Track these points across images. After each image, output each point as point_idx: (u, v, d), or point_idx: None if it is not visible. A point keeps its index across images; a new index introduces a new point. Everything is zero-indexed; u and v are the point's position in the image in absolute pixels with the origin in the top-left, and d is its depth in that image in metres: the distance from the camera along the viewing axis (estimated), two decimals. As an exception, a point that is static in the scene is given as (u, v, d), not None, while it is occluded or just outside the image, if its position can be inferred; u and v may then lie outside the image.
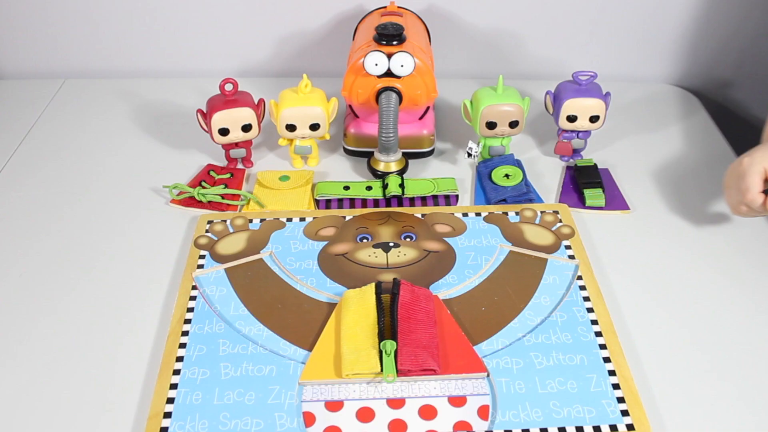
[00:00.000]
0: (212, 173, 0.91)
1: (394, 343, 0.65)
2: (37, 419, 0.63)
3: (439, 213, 0.84)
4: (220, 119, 0.87)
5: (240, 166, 0.93)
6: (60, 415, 0.63)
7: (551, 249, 0.79)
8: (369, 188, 0.88)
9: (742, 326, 0.72)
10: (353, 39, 0.98)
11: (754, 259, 0.80)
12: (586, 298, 0.73)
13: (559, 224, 0.82)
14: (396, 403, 0.63)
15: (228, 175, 0.91)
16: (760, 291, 0.76)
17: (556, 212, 0.84)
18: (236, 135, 0.89)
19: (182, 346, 0.68)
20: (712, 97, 1.17)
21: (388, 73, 0.86)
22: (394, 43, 0.86)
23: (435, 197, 0.88)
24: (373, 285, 0.72)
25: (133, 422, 0.62)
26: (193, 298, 0.73)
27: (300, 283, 0.75)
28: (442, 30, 1.08)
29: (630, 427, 0.61)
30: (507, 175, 0.89)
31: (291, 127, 0.89)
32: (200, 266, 0.77)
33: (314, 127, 0.89)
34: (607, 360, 0.67)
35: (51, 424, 0.63)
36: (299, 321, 0.71)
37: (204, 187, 0.87)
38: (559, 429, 0.61)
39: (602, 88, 0.90)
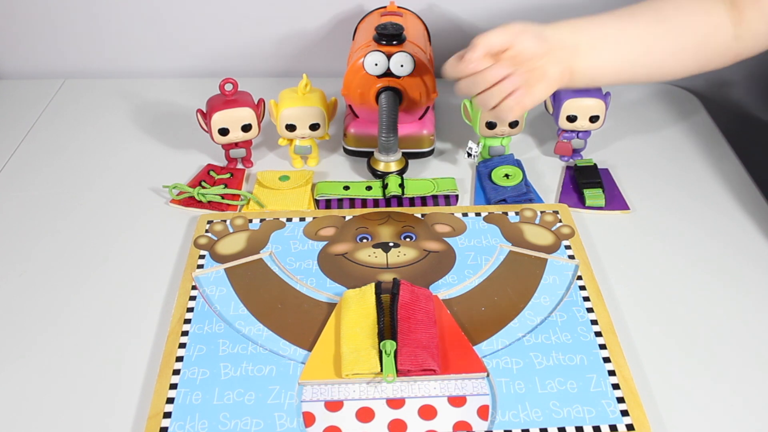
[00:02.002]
0: (212, 173, 0.91)
1: (394, 343, 0.65)
2: (37, 419, 0.63)
3: (439, 213, 0.84)
4: (220, 119, 0.87)
5: (240, 166, 0.93)
6: (60, 415, 0.63)
7: (551, 249, 0.79)
8: (369, 188, 0.88)
9: (741, 326, 0.72)
10: (353, 39, 0.98)
11: (753, 259, 0.80)
12: (586, 298, 0.73)
13: (559, 224, 0.82)
14: (396, 403, 0.63)
15: (228, 175, 0.91)
16: (759, 291, 0.76)
17: (556, 212, 0.84)
18: (236, 135, 0.89)
19: (182, 346, 0.68)
20: (712, 97, 1.17)
21: (388, 73, 0.86)
22: (394, 43, 0.86)
23: (435, 197, 0.88)
24: (372, 285, 0.72)
25: (133, 422, 0.62)
26: (192, 298, 0.73)
27: (300, 283, 0.75)
28: (442, 30, 1.08)
29: (630, 427, 0.61)
30: (507, 175, 0.89)
31: (291, 127, 0.89)
32: (200, 266, 0.77)
33: (314, 127, 0.89)
34: (607, 360, 0.67)
35: (51, 423, 0.63)
36: (299, 321, 0.71)
37: (204, 187, 0.87)
38: (559, 429, 0.61)
39: (602, 88, 0.90)
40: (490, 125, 0.89)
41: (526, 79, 0.69)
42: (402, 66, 0.85)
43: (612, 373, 0.65)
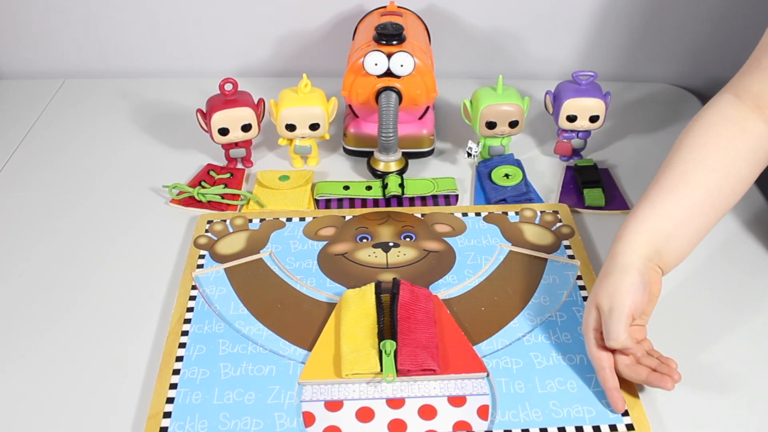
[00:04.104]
0: (212, 173, 0.91)
1: (394, 343, 0.65)
2: (37, 419, 0.63)
3: (439, 213, 0.84)
4: (219, 119, 0.87)
5: (240, 165, 0.93)
6: (60, 415, 0.63)
7: (551, 249, 0.79)
8: (369, 188, 0.88)
9: (742, 326, 0.72)
10: (353, 39, 0.98)
11: (754, 259, 0.80)
12: (586, 298, 0.73)
13: (559, 224, 0.82)
14: (396, 403, 0.63)
15: (228, 175, 0.91)
16: (760, 291, 0.76)
17: (556, 212, 0.84)
18: (236, 135, 0.89)
19: (182, 345, 0.68)
20: (712, 96, 1.17)
21: (388, 73, 0.86)
22: (394, 42, 0.86)
23: (435, 197, 0.88)
24: (372, 285, 0.72)
25: (133, 422, 0.62)
26: (192, 297, 0.73)
27: (300, 283, 0.75)
28: (442, 30, 1.08)
29: (630, 427, 0.61)
30: (507, 175, 0.89)
31: (291, 127, 0.89)
32: (200, 266, 0.77)
33: (314, 126, 0.89)
34: (606, 360, 0.67)
35: (51, 423, 0.63)
36: (299, 321, 0.71)
37: (204, 187, 0.87)
38: (559, 429, 0.61)
39: (602, 88, 0.90)
40: (490, 125, 0.89)
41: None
42: (402, 66, 0.85)
43: (612, 372, 0.65)
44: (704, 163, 0.68)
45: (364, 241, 0.80)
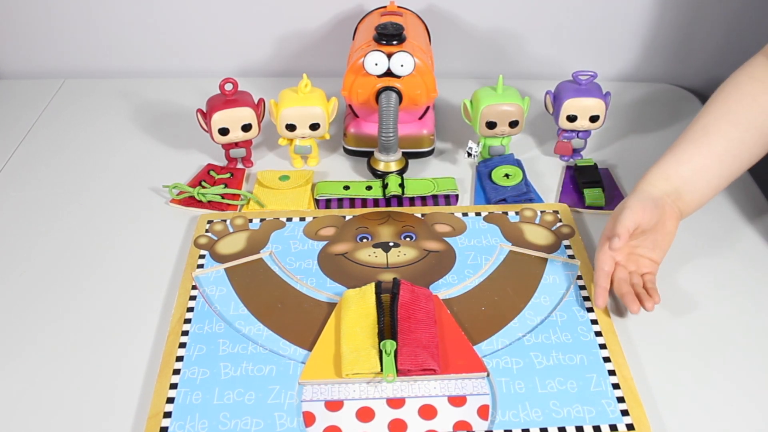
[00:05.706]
0: (212, 173, 0.91)
1: (394, 342, 0.65)
2: (37, 419, 0.63)
3: (439, 213, 0.84)
4: (220, 119, 0.87)
5: (240, 165, 0.93)
6: (60, 415, 0.63)
7: (551, 249, 0.79)
8: (369, 188, 0.88)
9: (741, 325, 0.72)
10: (353, 39, 0.98)
11: (754, 258, 0.80)
12: (586, 298, 0.73)
13: (559, 224, 0.82)
14: (396, 402, 0.63)
15: (228, 175, 0.91)
16: (759, 290, 0.76)
17: (556, 212, 0.84)
18: (236, 135, 0.89)
19: (182, 345, 0.68)
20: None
21: (388, 73, 0.86)
22: (394, 42, 0.86)
23: (435, 197, 0.88)
24: (373, 285, 0.72)
25: (133, 422, 0.62)
26: (193, 297, 0.73)
27: (300, 283, 0.75)
28: (442, 30, 1.08)
29: (630, 426, 0.61)
30: (507, 175, 0.89)
31: (291, 127, 0.89)
32: (200, 266, 0.77)
33: (314, 126, 0.89)
34: (607, 360, 0.67)
35: (51, 423, 0.63)
36: (299, 321, 0.71)
37: (204, 187, 0.87)
38: (559, 429, 0.61)
39: (602, 88, 0.90)
40: (490, 125, 0.89)
41: (654, 250, 0.74)
42: (402, 66, 0.85)
43: (612, 372, 0.65)
44: (726, 117, 0.73)
45: (365, 241, 0.80)
